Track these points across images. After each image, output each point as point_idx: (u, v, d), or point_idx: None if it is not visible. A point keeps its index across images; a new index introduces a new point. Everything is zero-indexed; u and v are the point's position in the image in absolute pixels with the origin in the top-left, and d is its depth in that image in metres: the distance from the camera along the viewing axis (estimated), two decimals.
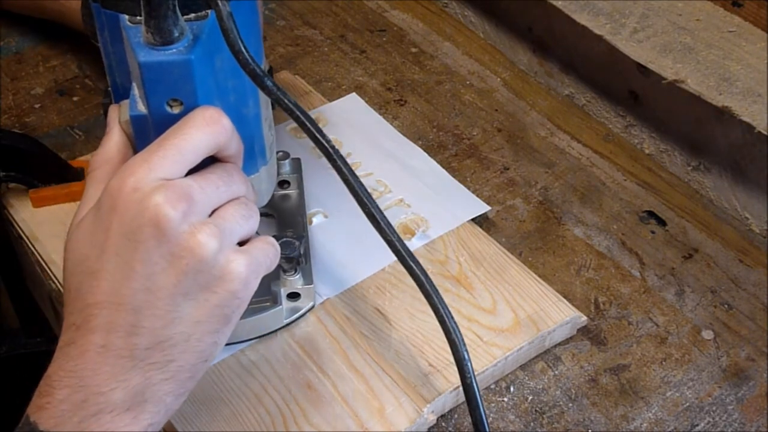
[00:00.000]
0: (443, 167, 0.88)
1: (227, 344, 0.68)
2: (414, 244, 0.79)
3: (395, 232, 0.55)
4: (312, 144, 0.91)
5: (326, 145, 0.51)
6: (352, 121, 0.93)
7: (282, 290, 0.71)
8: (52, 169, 0.82)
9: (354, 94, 0.97)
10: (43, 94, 0.98)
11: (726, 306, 0.78)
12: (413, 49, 1.06)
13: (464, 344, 0.57)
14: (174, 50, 0.49)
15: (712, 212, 0.88)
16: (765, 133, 0.78)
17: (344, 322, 0.73)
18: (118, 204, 0.48)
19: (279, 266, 0.70)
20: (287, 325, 0.72)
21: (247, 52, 0.48)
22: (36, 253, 0.79)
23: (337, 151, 0.51)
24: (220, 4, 0.47)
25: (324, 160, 0.88)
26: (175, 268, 0.48)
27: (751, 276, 0.81)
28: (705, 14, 0.90)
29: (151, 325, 0.48)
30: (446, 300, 0.74)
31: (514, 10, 1.04)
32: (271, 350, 0.71)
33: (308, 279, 0.72)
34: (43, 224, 0.80)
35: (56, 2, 0.95)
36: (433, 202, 0.83)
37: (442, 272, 0.77)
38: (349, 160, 0.87)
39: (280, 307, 0.71)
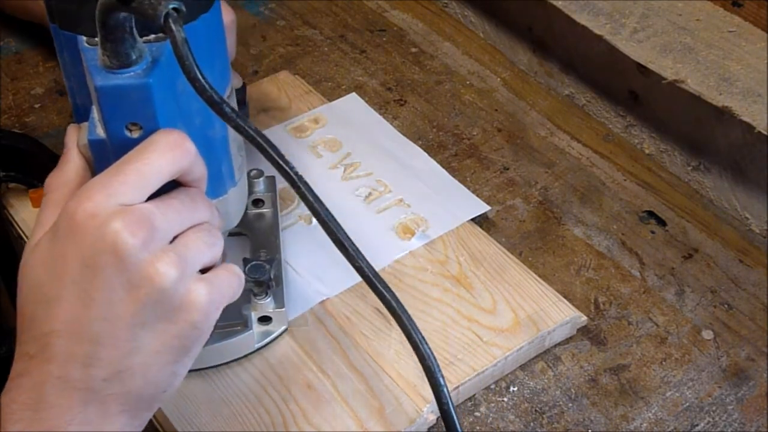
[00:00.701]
0: (443, 167, 0.88)
1: (196, 369, 0.68)
2: (414, 244, 0.79)
3: (364, 257, 0.53)
4: (311, 143, 0.91)
5: (290, 171, 0.48)
6: (352, 121, 0.93)
7: (253, 314, 0.70)
8: (53, 169, 0.82)
9: (354, 94, 0.97)
10: (43, 94, 0.98)
11: (726, 306, 0.78)
12: (413, 49, 1.06)
13: (440, 369, 0.54)
14: (132, 73, 0.48)
15: (712, 212, 0.88)
16: (765, 133, 0.78)
17: (344, 322, 0.73)
18: (76, 230, 0.46)
19: (250, 290, 0.69)
20: (258, 349, 0.70)
21: (204, 79, 0.46)
22: None
23: (301, 178, 0.48)
24: (174, 30, 0.45)
25: (323, 160, 0.88)
26: (134, 298, 0.46)
27: (751, 276, 0.81)
28: (705, 14, 0.90)
29: (109, 356, 0.47)
30: (446, 300, 0.74)
31: (514, 10, 1.04)
32: (271, 350, 0.71)
33: (280, 302, 0.70)
34: None
35: (39, 7, 0.94)
36: (433, 202, 0.83)
37: (442, 272, 0.77)
38: (349, 160, 0.88)
39: (251, 331, 0.69)
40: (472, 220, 0.82)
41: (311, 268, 0.76)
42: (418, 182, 0.85)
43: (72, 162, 0.54)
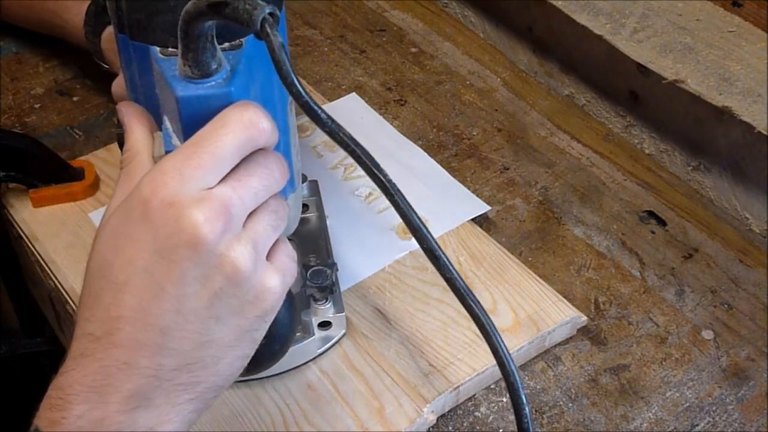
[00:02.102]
0: (443, 167, 0.88)
1: (259, 378, 0.68)
2: (414, 244, 0.79)
3: (455, 269, 0.51)
4: (311, 143, 0.91)
5: (384, 180, 0.47)
6: (352, 121, 0.93)
7: (313, 320, 0.69)
8: (52, 169, 0.82)
9: (354, 94, 0.97)
10: (43, 94, 0.98)
11: (726, 306, 0.78)
12: (413, 49, 1.06)
13: (523, 388, 0.53)
14: (213, 83, 0.47)
15: (712, 212, 0.88)
16: (765, 133, 0.78)
17: None
18: (151, 217, 0.45)
19: (311, 296, 0.69)
20: (319, 355, 0.70)
21: (300, 84, 0.45)
22: (36, 253, 0.79)
23: (394, 185, 0.48)
24: (271, 35, 0.44)
25: (323, 160, 0.88)
26: (208, 291, 0.46)
27: (751, 276, 0.81)
28: (705, 14, 0.90)
29: (179, 347, 0.46)
30: (446, 300, 0.74)
31: (514, 10, 1.04)
32: None
33: (339, 307, 0.70)
34: (43, 224, 0.80)
35: (59, 20, 0.94)
36: (433, 202, 0.83)
37: None
38: (349, 161, 0.87)
39: (313, 337, 0.69)
40: (472, 220, 0.82)
41: None
42: (418, 182, 0.85)
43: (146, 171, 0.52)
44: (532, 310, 0.74)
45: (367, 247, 0.78)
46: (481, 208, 0.83)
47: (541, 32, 1.02)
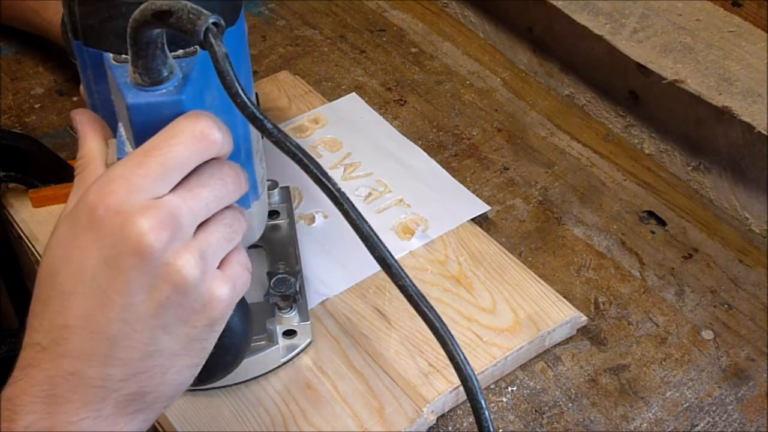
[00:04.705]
0: (443, 167, 0.88)
1: (225, 386, 0.67)
2: (414, 244, 0.79)
3: (408, 276, 0.51)
4: (311, 143, 0.91)
5: (332, 189, 0.47)
6: (352, 121, 0.93)
7: (278, 328, 0.69)
8: (52, 169, 0.82)
9: (354, 94, 0.97)
10: (43, 94, 0.98)
11: (726, 306, 0.78)
12: (413, 49, 1.06)
13: (482, 392, 0.53)
14: (164, 90, 0.46)
15: (712, 212, 0.88)
16: (765, 133, 0.78)
17: (344, 322, 0.73)
18: (97, 225, 0.45)
19: (275, 304, 0.69)
20: (284, 364, 0.70)
21: (245, 94, 0.44)
22: (36, 253, 0.79)
23: (343, 194, 0.48)
24: (215, 45, 0.43)
25: (323, 160, 0.88)
26: (154, 300, 0.45)
27: (751, 276, 0.81)
28: (705, 14, 0.90)
29: (127, 357, 0.46)
30: (446, 300, 0.74)
31: (514, 10, 1.04)
32: None
33: (304, 315, 0.70)
34: (43, 224, 0.80)
35: (39, 18, 0.94)
36: (433, 202, 0.83)
37: (442, 272, 0.77)
38: (349, 160, 0.88)
39: (277, 346, 0.68)
40: (472, 220, 0.82)
41: (311, 269, 0.76)
42: (418, 182, 0.85)
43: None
44: (532, 310, 0.74)
45: None
46: (481, 208, 0.83)
47: (541, 32, 1.02)
